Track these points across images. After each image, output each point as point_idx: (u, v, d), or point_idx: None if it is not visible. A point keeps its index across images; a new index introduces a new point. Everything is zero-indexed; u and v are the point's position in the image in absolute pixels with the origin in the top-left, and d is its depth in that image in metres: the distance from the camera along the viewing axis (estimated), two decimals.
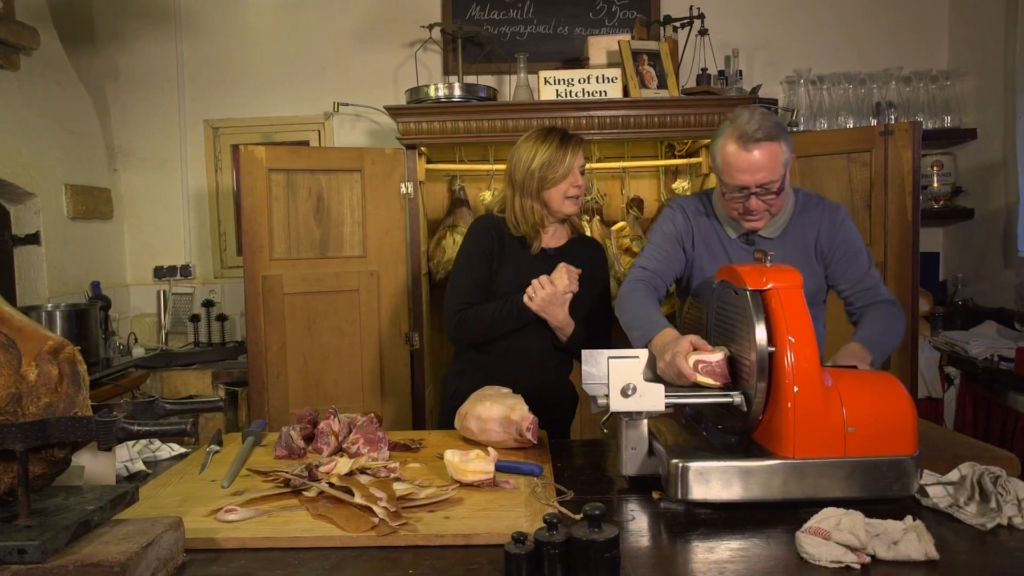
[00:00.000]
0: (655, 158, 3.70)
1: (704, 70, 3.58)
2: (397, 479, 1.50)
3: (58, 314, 3.11)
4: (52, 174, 3.39)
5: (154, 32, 3.96)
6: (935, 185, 3.69)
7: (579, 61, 3.67)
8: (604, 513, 1.13)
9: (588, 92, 3.16)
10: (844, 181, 3.07)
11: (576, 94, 3.16)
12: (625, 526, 1.35)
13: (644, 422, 1.53)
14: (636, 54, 3.26)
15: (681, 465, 1.39)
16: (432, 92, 3.23)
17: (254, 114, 3.95)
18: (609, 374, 1.47)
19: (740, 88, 3.60)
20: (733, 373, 1.53)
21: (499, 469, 1.55)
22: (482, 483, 1.50)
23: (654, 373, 1.62)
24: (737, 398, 1.46)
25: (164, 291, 3.92)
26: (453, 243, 3.41)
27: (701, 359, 1.53)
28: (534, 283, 2.07)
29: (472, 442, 1.78)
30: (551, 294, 2.05)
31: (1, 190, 3.19)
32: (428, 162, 3.50)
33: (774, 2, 3.89)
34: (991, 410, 3.01)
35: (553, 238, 2.24)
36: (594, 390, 1.61)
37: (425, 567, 1.20)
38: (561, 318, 2.10)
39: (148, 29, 3.96)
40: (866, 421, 1.38)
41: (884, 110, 3.72)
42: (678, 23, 3.65)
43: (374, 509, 1.33)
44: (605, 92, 3.16)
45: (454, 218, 3.50)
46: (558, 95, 3.16)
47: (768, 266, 1.49)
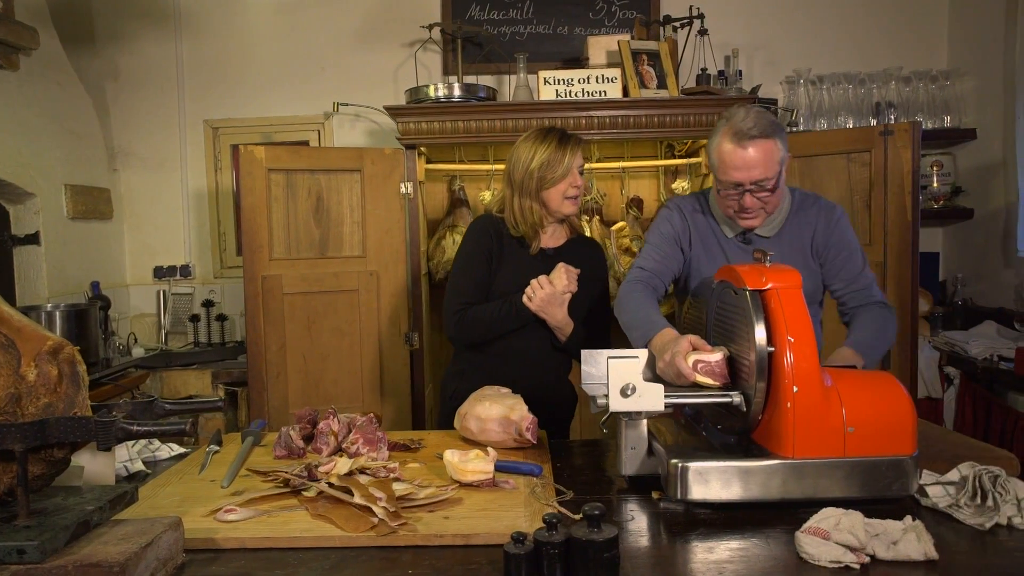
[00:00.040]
0: (655, 158, 3.70)
1: (704, 70, 3.58)
2: (396, 479, 1.50)
3: (58, 314, 3.11)
4: (52, 174, 3.39)
5: (154, 32, 3.96)
6: (935, 185, 3.69)
7: (579, 61, 3.67)
8: (603, 513, 1.13)
9: (588, 92, 3.16)
10: (844, 181, 3.07)
11: (576, 94, 3.16)
12: (624, 526, 1.35)
13: (643, 422, 1.53)
14: (636, 54, 3.25)
15: (680, 465, 1.39)
16: (432, 92, 3.23)
17: (254, 114, 3.96)
18: (608, 374, 1.47)
19: (740, 88, 3.60)
20: (732, 373, 1.53)
21: (498, 469, 1.55)
22: (481, 483, 1.50)
23: (653, 373, 1.62)
24: (736, 398, 1.46)
25: (164, 291, 3.92)
26: (453, 243, 3.41)
27: (700, 359, 1.53)
28: (533, 283, 2.07)
29: (472, 442, 1.78)
30: (550, 294, 2.05)
31: (1, 190, 3.19)
32: (428, 162, 3.50)
33: (774, 2, 3.89)
34: (991, 410, 3.01)
35: (552, 238, 2.24)
36: (593, 390, 1.61)
37: (424, 567, 1.20)
38: (560, 318, 2.10)
39: (148, 29, 3.96)
40: (865, 421, 1.38)
41: (884, 110, 3.72)
42: (678, 23, 3.65)
43: (373, 509, 1.33)
44: (605, 92, 3.16)
45: (454, 218, 3.50)
46: (558, 95, 3.16)
47: (768, 266, 1.49)
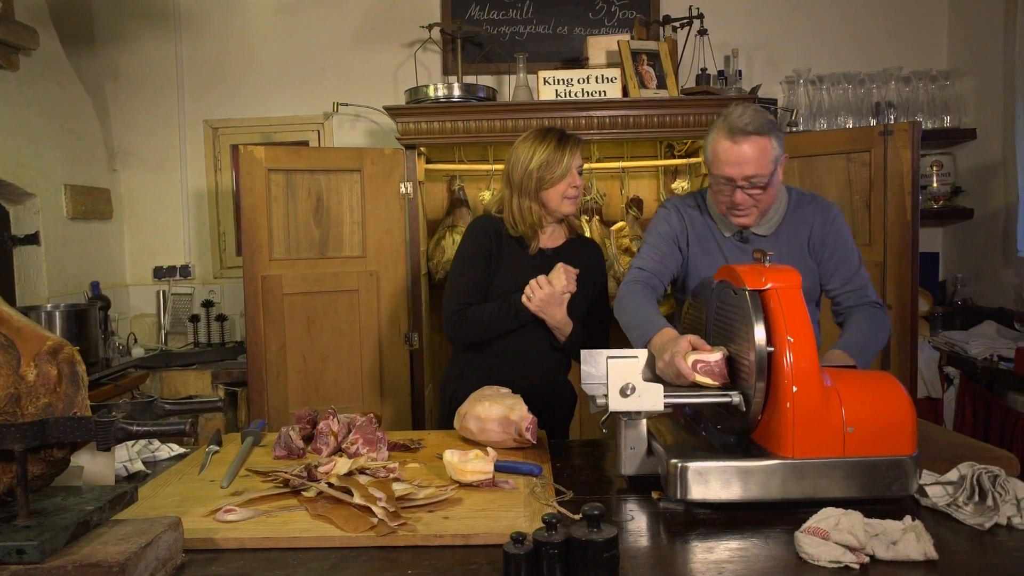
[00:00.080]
0: (654, 158, 3.70)
1: (703, 70, 3.58)
2: (396, 479, 1.50)
3: (57, 314, 3.11)
4: (52, 174, 3.39)
5: (154, 32, 3.96)
6: (934, 185, 3.69)
7: (578, 61, 3.67)
8: (603, 513, 1.13)
9: (587, 92, 3.16)
10: (843, 181, 3.07)
11: (575, 94, 3.16)
12: (624, 526, 1.35)
13: (643, 422, 1.53)
14: (635, 54, 3.25)
15: (680, 465, 1.39)
16: (431, 92, 3.23)
17: (254, 114, 3.96)
18: (608, 374, 1.47)
19: (739, 88, 3.60)
20: (732, 373, 1.53)
21: (498, 469, 1.55)
22: (481, 483, 1.50)
23: (653, 373, 1.62)
24: (736, 398, 1.46)
25: (164, 291, 3.92)
26: (452, 243, 3.41)
27: (700, 359, 1.53)
28: (532, 283, 2.07)
29: (471, 442, 1.78)
30: (549, 294, 2.05)
31: (1, 190, 3.19)
32: (427, 162, 3.50)
33: (774, 2, 3.89)
34: (990, 410, 3.01)
35: (551, 238, 2.24)
36: (593, 390, 1.61)
37: (424, 567, 1.20)
38: (559, 318, 2.10)
39: (148, 29, 3.96)
40: (865, 421, 1.38)
41: (883, 110, 3.72)
42: (677, 23, 3.65)
43: (373, 509, 1.33)
44: (604, 92, 3.16)
45: (453, 218, 3.50)
46: (557, 95, 3.16)
47: (767, 266, 1.49)
